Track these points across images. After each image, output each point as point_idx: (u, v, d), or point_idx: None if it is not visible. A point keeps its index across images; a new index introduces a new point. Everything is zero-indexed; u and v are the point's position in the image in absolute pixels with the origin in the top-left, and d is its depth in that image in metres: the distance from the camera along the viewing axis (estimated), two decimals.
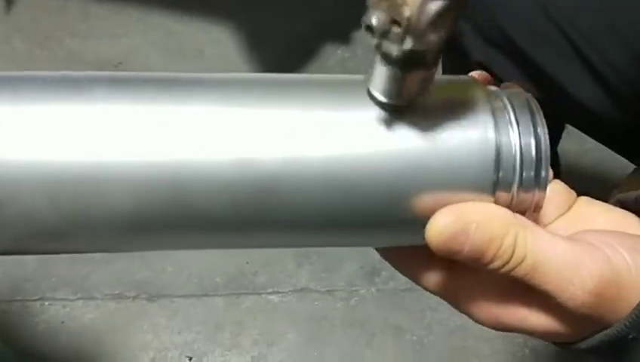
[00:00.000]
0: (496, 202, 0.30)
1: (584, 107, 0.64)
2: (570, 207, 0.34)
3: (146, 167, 0.27)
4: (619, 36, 0.60)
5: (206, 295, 1.08)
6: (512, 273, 0.29)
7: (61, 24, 1.35)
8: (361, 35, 1.35)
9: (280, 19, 1.34)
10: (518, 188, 0.30)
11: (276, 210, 0.29)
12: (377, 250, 0.35)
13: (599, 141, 0.70)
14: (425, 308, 1.07)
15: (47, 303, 1.06)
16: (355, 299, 1.09)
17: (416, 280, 0.34)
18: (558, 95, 0.66)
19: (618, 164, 0.73)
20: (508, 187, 0.29)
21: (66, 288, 1.07)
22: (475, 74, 0.34)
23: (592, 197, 0.35)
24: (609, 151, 0.71)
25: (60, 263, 1.09)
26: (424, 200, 0.29)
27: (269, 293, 1.08)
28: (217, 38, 1.35)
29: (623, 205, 0.34)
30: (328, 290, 1.09)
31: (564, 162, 0.99)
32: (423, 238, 0.29)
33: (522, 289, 0.30)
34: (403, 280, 1.17)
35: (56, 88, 0.28)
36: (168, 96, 0.28)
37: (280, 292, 1.08)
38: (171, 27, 1.36)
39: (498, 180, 0.29)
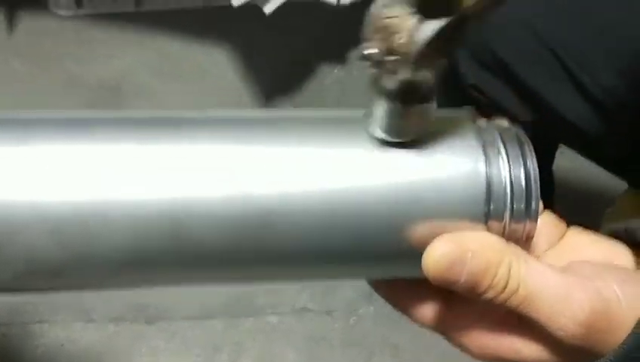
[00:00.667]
0: (489, 232, 0.30)
1: (576, 127, 0.65)
2: (560, 238, 0.35)
3: (145, 205, 0.28)
4: (607, 57, 0.61)
5: (204, 317, 1.08)
6: (506, 303, 0.30)
7: (60, 47, 1.36)
8: (357, 55, 1.36)
9: (277, 39, 1.35)
10: (509, 219, 0.30)
11: (274, 245, 0.29)
12: (370, 284, 0.36)
13: (592, 160, 0.71)
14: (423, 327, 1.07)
15: (46, 326, 1.06)
16: (354, 319, 1.09)
17: (409, 313, 0.35)
18: (550, 116, 0.66)
19: (613, 180, 0.73)
20: (500, 218, 0.30)
21: (66, 311, 1.07)
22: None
23: (587, 213, 0.35)
24: None
25: None
26: (418, 233, 0.30)
27: (268, 314, 1.09)
28: (215, 59, 1.36)
29: (614, 235, 0.35)
30: (327, 311, 1.10)
31: (560, 178, 1.00)
32: (418, 270, 0.30)
33: (516, 320, 0.31)
34: None
35: (57, 129, 0.29)
36: (167, 135, 0.29)
37: (279, 313, 1.09)
38: (169, 49, 1.37)
39: (490, 212, 0.30)
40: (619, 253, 0.34)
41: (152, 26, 1.38)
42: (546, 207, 0.35)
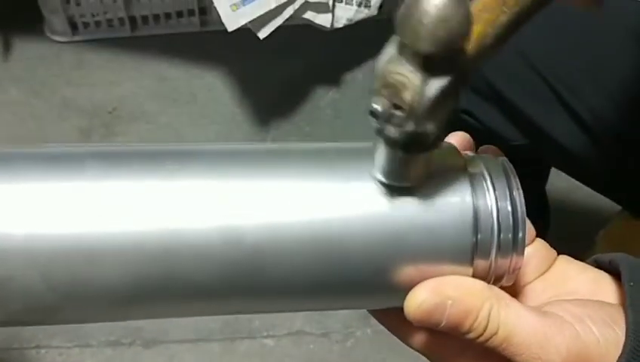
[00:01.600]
0: (476, 266, 0.31)
1: (567, 150, 0.65)
2: (549, 266, 0.35)
3: (136, 240, 0.28)
4: (597, 84, 0.62)
5: (201, 340, 1.08)
6: (487, 344, 0.30)
7: (56, 72, 1.36)
8: (351, 77, 1.37)
9: (271, 63, 1.36)
10: (496, 251, 0.30)
11: (263, 279, 0.29)
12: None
13: (583, 183, 0.72)
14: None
15: (43, 351, 1.06)
16: (351, 341, 1.09)
17: (402, 338, 0.35)
18: (542, 140, 0.67)
19: (607, 201, 0.74)
20: (487, 252, 0.30)
21: (62, 336, 1.07)
22: (455, 136, 0.35)
23: (581, 234, 0.36)
24: None
25: None
26: (407, 268, 0.30)
27: (265, 337, 1.08)
28: (210, 83, 1.36)
29: (599, 265, 0.35)
30: (324, 333, 1.09)
31: (555, 199, 1.00)
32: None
33: (499, 356, 0.31)
34: None
35: (47, 165, 0.29)
36: (157, 170, 0.29)
37: (275, 336, 1.09)
38: (164, 73, 1.37)
39: (477, 243, 0.30)
40: (604, 285, 0.34)
41: (148, 51, 1.39)
42: (540, 227, 0.35)
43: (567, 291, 0.34)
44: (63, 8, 1.33)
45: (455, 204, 0.30)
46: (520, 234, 0.30)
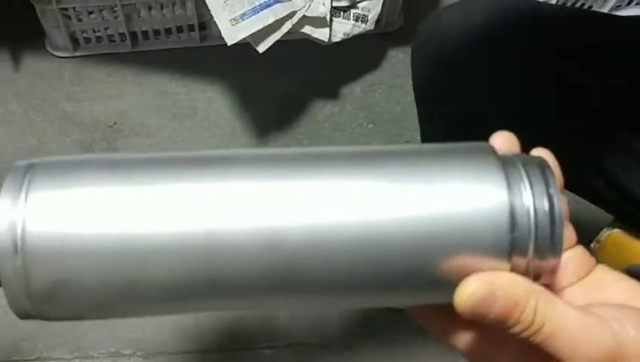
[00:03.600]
0: (514, 263, 0.31)
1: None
2: (587, 273, 0.36)
3: (181, 241, 0.30)
4: None
5: (201, 351, 1.08)
6: (531, 338, 0.31)
7: (57, 87, 1.37)
8: (348, 90, 1.38)
9: (270, 76, 1.37)
10: (534, 249, 0.31)
11: (304, 278, 0.31)
12: (407, 311, 0.37)
13: (576, 193, 0.72)
14: (419, 358, 1.08)
15: None
16: (350, 351, 1.09)
17: (440, 336, 0.36)
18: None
19: (602, 211, 0.75)
20: (524, 249, 0.31)
21: (63, 347, 1.08)
22: (500, 137, 0.36)
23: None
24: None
25: (57, 322, 1.09)
26: (448, 264, 0.31)
27: (264, 348, 1.09)
28: (210, 97, 1.37)
29: (632, 274, 0.36)
30: (323, 344, 1.10)
31: None
32: (448, 298, 0.31)
33: (538, 354, 0.32)
34: (397, 331, 1.16)
35: (101, 171, 0.31)
36: (202, 174, 0.31)
37: (275, 347, 1.09)
38: (165, 87, 1.38)
39: (514, 240, 0.31)
40: (638, 294, 0.35)
41: (148, 66, 1.40)
42: None
43: (604, 298, 0.35)
44: (64, 24, 1.33)
45: (491, 201, 0.31)
46: (557, 233, 0.31)
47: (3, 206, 0.30)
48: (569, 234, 0.35)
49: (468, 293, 0.31)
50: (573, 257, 0.36)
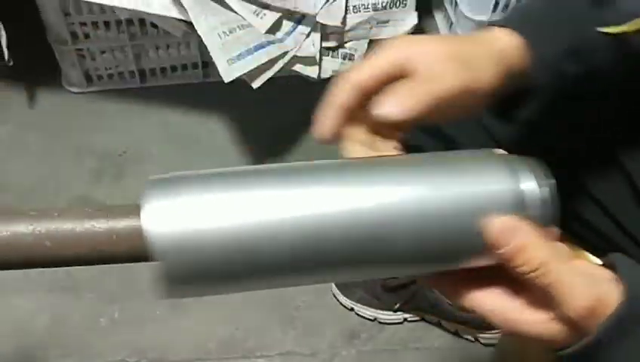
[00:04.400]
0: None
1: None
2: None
3: (297, 226, 0.37)
4: None
5: (200, 359, 1.14)
6: (538, 279, 0.37)
7: (71, 120, 1.43)
8: None
9: (266, 109, 1.42)
10: (540, 218, 0.39)
11: (387, 250, 0.38)
12: (424, 281, 0.44)
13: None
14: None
15: None
16: (337, 360, 1.15)
17: (453, 298, 0.42)
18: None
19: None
20: (533, 210, 0.39)
21: (71, 357, 1.13)
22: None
23: None
24: None
25: (67, 332, 1.16)
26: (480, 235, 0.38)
27: (257, 357, 1.15)
28: (211, 128, 1.43)
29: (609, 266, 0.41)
30: (312, 353, 1.16)
31: None
32: (483, 258, 0.39)
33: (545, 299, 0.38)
34: (381, 342, 1.21)
35: (240, 180, 0.38)
36: (310, 179, 0.40)
37: (267, 356, 1.15)
38: (170, 120, 1.44)
39: (524, 202, 0.39)
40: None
41: (155, 100, 1.46)
42: None
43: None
44: (79, 62, 1.41)
45: (502, 186, 0.39)
46: (556, 212, 0.39)
47: (162, 210, 0.36)
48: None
49: (500, 221, 0.38)
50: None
